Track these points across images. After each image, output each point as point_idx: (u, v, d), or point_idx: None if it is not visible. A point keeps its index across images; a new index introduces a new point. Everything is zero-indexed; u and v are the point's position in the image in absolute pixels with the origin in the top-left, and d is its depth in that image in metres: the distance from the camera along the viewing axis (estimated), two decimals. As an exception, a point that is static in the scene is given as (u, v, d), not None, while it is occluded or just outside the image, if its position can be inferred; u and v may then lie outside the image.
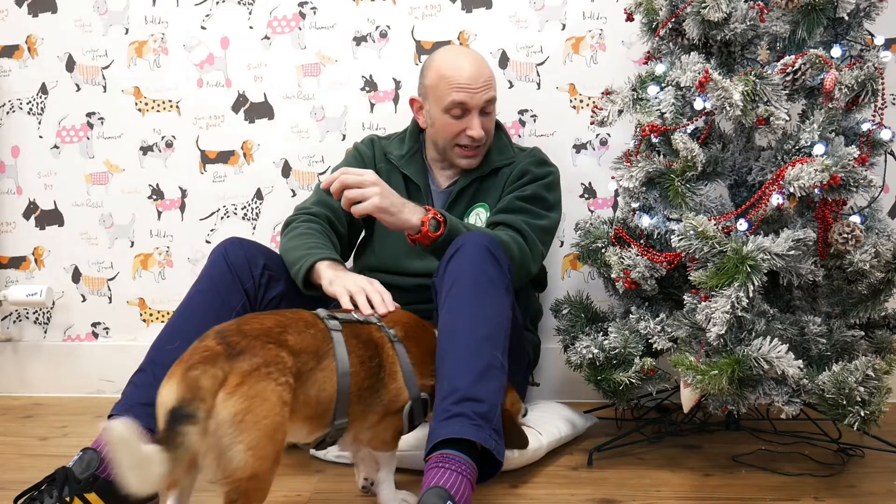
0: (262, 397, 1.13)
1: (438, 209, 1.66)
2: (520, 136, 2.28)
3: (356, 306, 1.51)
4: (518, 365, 1.78)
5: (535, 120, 2.28)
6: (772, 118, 1.51)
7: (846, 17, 1.60)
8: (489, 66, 1.89)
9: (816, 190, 1.46)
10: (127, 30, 2.39)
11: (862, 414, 1.46)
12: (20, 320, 2.48)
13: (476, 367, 1.42)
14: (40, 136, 2.44)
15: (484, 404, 1.39)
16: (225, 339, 1.17)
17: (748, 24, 1.63)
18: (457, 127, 1.84)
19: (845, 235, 1.51)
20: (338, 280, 1.59)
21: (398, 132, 2.05)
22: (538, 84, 2.27)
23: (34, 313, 2.48)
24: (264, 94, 2.36)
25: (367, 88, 2.33)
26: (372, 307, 1.51)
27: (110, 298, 2.45)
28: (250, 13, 2.35)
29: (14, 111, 2.44)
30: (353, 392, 1.31)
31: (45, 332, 2.48)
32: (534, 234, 1.78)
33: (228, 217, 2.40)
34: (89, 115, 2.42)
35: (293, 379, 1.20)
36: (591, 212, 2.27)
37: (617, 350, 1.69)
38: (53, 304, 2.46)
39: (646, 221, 1.67)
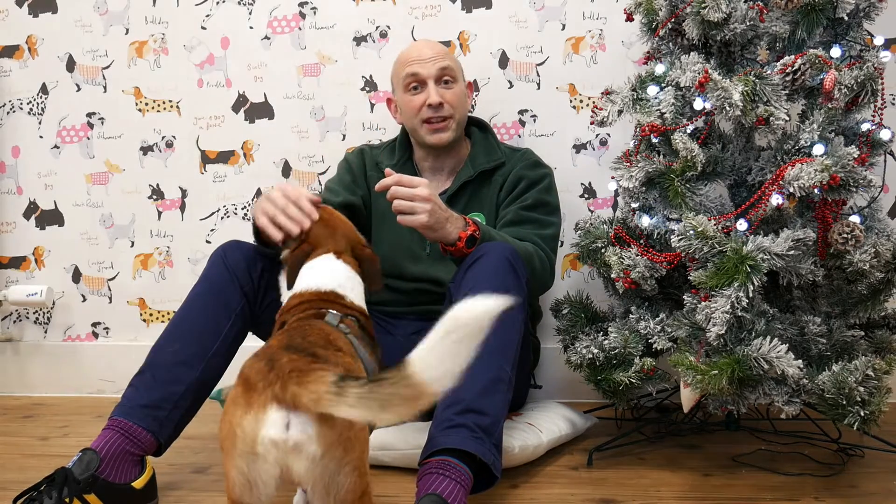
0: None
1: (476, 222, 1.63)
2: (520, 136, 2.28)
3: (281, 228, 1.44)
4: (522, 369, 1.78)
5: (535, 120, 2.28)
6: (771, 118, 1.51)
7: (846, 18, 1.60)
8: (445, 48, 1.98)
9: (816, 190, 1.46)
10: (127, 30, 2.39)
11: (862, 414, 1.46)
12: (20, 320, 2.48)
13: (483, 380, 1.41)
14: (40, 136, 2.44)
15: (487, 417, 1.39)
16: (306, 351, 1.06)
17: (748, 24, 1.63)
18: (417, 101, 1.86)
19: (845, 235, 1.51)
20: (255, 208, 1.51)
21: (388, 141, 2.05)
22: (538, 84, 2.27)
23: (34, 313, 2.48)
24: (264, 95, 2.36)
25: (367, 88, 2.33)
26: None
27: (110, 298, 2.45)
28: (250, 13, 2.35)
29: (14, 111, 2.44)
30: None
31: (46, 332, 2.48)
32: (546, 246, 1.78)
33: (228, 217, 2.40)
34: (89, 115, 2.42)
35: None
36: (591, 212, 2.27)
37: (617, 350, 1.69)
38: (53, 304, 2.46)
39: (646, 221, 1.67)
